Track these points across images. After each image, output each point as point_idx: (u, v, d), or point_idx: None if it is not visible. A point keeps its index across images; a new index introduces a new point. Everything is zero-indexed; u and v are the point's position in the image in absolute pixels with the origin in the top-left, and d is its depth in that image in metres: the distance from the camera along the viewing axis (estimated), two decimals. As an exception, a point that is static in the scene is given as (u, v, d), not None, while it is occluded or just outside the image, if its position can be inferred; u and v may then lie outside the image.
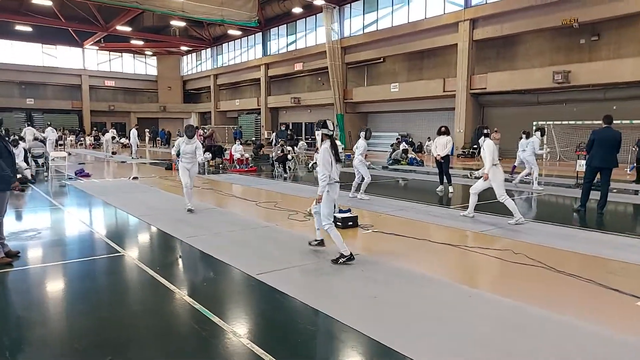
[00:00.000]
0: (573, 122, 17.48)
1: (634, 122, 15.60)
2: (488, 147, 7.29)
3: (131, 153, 22.04)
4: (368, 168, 10.00)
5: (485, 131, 7.52)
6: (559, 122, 17.43)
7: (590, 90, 20.18)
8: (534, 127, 13.02)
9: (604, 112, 20.59)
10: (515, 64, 23.41)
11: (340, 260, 5.08)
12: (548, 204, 10.24)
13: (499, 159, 7.54)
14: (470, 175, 8.88)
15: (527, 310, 3.92)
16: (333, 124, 5.45)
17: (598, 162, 8.32)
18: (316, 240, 5.81)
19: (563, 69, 19.90)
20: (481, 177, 7.65)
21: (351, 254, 5.10)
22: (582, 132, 17.80)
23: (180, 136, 22.08)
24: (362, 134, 9.84)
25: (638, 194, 11.22)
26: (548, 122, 16.94)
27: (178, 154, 8.37)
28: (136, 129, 22.98)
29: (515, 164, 13.82)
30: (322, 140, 5.34)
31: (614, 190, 11.03)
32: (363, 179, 9.69)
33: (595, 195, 8.72)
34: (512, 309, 3.95)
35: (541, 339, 3.39)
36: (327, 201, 5.22)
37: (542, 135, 12.27)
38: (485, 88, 23.34)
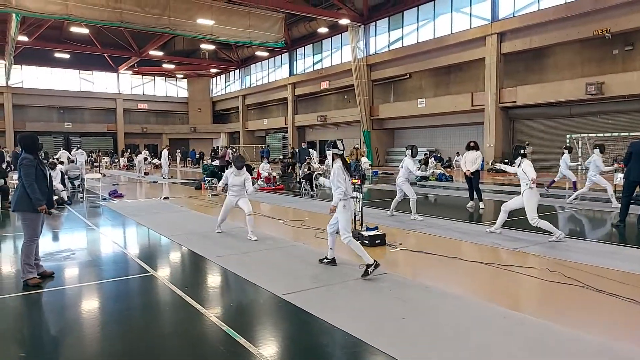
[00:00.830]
0: (609, 134, 16.89)
1: (674, 132, 14.97)
2: (531, 167, 7.12)
3: (162, 173, 22.55)
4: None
5: (522, 151, 7.36)
6: (594, 135, 16.88)
7: (626, 102, 19.54)
8: (591, 144, 11.61)
9: (641, 123, 19.71)
10: (546, 76, 22.94)
11: (369, 270, 5.13)
12: (585, 219, 9.86)
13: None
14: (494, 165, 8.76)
15: (564, 333, 3.74)
16: (342, 143, 5.78)
17: (636, 176, 7.99)
18: (327, 259, 5.86)
19: (596, 80, 19.37)
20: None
21: (375, 261, 5.16)
22: (619, 144, 17.17)
23: (216, 157, 22.54)
24: (408, 152, 9.31)
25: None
26: (582, 135, 16.42)
27: (225, 186, 8.01)
28: (167, 149, 23.59)
29: (555, 179, 13.43)
30: (333, 160, 5.65)
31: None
32: (405, 197, 9.42)
33: (635, 210, 8.36)
34: (547, 331, 3.77)
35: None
36: (345, 214, 5.46)
37: (601, 152, 11.14)
38: (515, 101, 22.93)
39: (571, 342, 3.57)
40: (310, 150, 21.09)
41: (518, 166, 7.35)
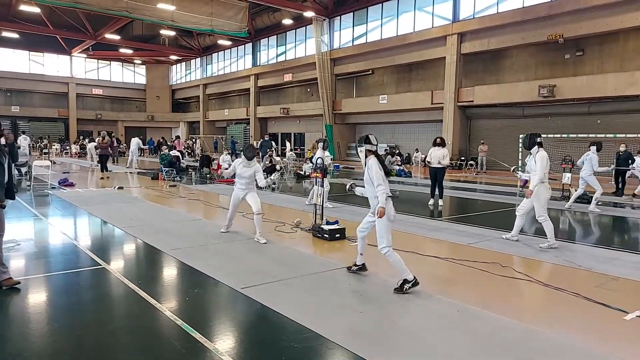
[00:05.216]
0: (558, 136, 17.70)
1: (617, 136, 15.86)
2: (541, 160, 6.60)
3: (128, 164, 21.20)
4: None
5: (538, 140, 6.75)
6: (544, 135, 17.60)
7: (575, 105, 20.49)
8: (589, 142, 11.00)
9: (588, 125, 20.93)
10: (502, 77, 23.72)
11: (406, 286, 4.56)
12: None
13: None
14: (515, 172, 8.49)
15: (514, 326, 3.88)
16: (375, 138, 4.99)
17: None
18: (356, 265, 5.26)
19: (548, 83, 20.19)
20: (525, 179, 7.05)
21: (415, 278, 4.60)
22: (567, 146, 18.03)
23: (171, 147, 21.64)
24: (320, 144, 10.01)
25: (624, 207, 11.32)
26: (534, 135, 17.13)
27: (233, 176, 7.32)
28: (139, 138, 21.79)
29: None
30: (366, 157, 4.88)
31: (599, 203, 11.14)
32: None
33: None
34: (500, 325, 3.90)
35: (528, 356, 3.34)
36: (387, 222, 4.69)
37: (598, 150, 10.52)
38: (472, 101, 23.57)
39: (526, 336, 3.70)
40: (273, 142, 20.87)
41: (533, 157, 6.82)
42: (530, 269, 5.52)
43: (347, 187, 5.13)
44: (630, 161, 13.19)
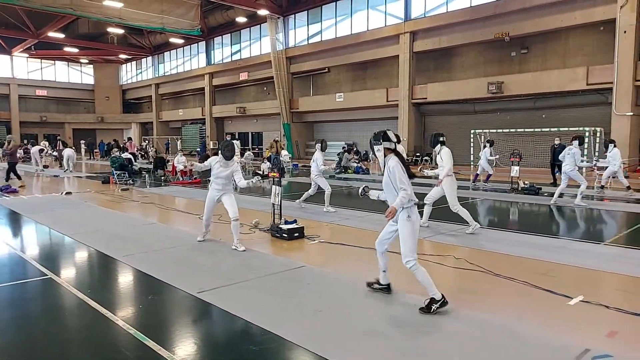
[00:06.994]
0: (507, 130, 18.42)
1: (561, 129, 16.66)
2: (448, 155, 7.25)
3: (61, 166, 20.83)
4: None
5: (441, 139, 7.39)
6: (494, 130, 18.34)
7: (522, 100, 21.40)
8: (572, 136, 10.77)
9: (534, 120, 21.80)
10: (453, 74, 24.42)
11: (434, 306, 4.00)
12: (488, 209, 10.64)
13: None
14: (422, 172, 8.75)
15: (467, 315, 4.00)
16: (394, 133, 4.34)
17: None
18: (380, 285, 4.56)
19: (496, 79, 20.98)
20: (433, 176, 7.66)
21: (443, 296, 4.04)
22: (515, 139, 18.78)
23: (124, 149, 20.94)
24: (318, 146, 9.69)
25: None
26: (484, 130, 17.76)
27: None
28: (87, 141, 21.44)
29: (478, 172, 14.31)
30: (384, 156, 4.25)
31: (545, 194, 11.67)
32: (319, 190, 9.67)
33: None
34: (456, 316, 4.01)
35: (479, 343, 3.46)
36: (411, 229, 4.11)
37: (580, 144, 10.42)
38: (425, 98, 24.15)
39: (478, 324, 3.82)
40: (235, 142, 20.51)
41: (438, 154, 7.41)
42: (482, 261, 5.70)
43: (360, 191, 4.64)
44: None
